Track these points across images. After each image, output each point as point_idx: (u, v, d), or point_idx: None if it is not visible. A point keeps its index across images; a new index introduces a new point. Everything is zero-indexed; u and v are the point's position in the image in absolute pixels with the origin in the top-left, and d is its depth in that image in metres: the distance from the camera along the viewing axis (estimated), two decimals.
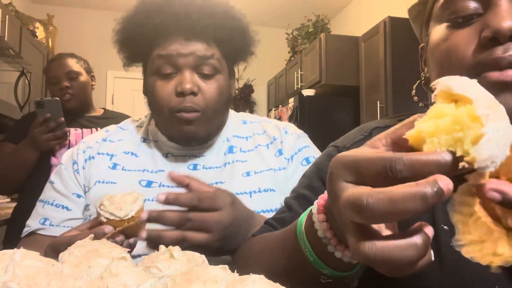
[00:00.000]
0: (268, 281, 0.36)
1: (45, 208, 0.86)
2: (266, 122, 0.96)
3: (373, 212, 0.28)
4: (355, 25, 4.25)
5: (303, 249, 0.43)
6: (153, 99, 0.84)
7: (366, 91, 3.41)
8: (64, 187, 0.87)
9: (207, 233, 0.63)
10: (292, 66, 4.36)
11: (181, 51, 0.81)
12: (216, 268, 0.38)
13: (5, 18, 2.77)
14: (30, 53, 3.27)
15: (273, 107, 4.64)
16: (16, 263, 0.34)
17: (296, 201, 0.61)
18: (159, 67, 0.82)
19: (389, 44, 3.08)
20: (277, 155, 0.89)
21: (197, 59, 0.82)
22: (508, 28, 0.44)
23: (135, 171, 0.86)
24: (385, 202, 0.28)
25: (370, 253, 0.29)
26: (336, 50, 3.67)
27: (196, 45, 0.82)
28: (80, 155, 0.90)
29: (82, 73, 1.85)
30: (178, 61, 0.81)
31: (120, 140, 0.93)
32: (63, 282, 0.34)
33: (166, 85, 0.82)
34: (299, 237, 0.44)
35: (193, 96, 0.81)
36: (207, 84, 0.83)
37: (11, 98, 2.78)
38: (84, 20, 4.52)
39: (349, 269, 0.42)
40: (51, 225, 0.84)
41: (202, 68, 0.83)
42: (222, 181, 0.85)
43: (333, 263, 0.41)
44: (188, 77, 0.81)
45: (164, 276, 0.41)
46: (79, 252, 0.45)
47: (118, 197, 0.60)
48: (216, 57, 0.84)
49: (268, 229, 0.63)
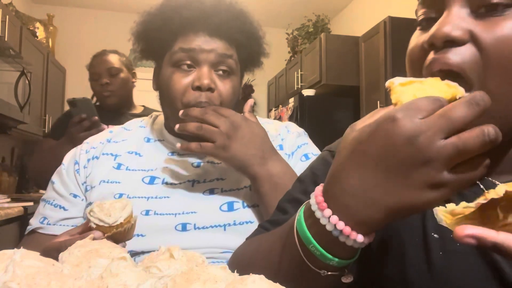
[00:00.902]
0: (268, 281, 0.36)
1: (45, 208, 0.88)
2: (267, 123, 0.97)
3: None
4: (355, 25, 4.25)
5: (308, 246, 0.43)
6: (168, 91, 0.84)
7: (366, 91, 3.41)
8: (63, 188, 0.89)
9: (218, 126, 0.76)
10: (292, 66, 4.36)
11: (204, 47, 0.82)
12: (216, 268, 0.38)
13: (5, 18, 2.78)
14: (30, 53, 3.27)
15: (273, 107, 4.64)
16: (16, 263, 0.35)
17: (290, 205, 0.61)
18: (179, 60, 0.83)
19: (389, 44, 3.08)
20: (278, 149, 0.89)
21: (217, 56, 0.83)
22: (442, 35, 0.45)
23: (139, 170, 0.88)
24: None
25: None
26: (336, 50, 3.67)
27: (219, 43, 0.84)
28: (82, 155, 0.91)
29: (123, 69, 1.86)
30: (199, 57, 0.82)
31: (124, 140, 0.94)
32: (63, 282, 0.35)
33: (183, 78, 0.82)
34: (301, 234, 0.44)
35: (210, 93, 0.82)
36: (223, 83, 0.84)
37: (11, 98, 2.78)
38: (84, 20, 4.52)
39: (352, 255, 0.43)
40: (49, 224, 0.86)
41: (221, 67, 0.84)
42: (223, 178, 0.87)
43: (340, 253, 0.42)
44: (206, 73, 0.82)
45: (164, 276, 0.41)
46: (79, 252, 0.45)
47: (108, 204, 0.62)
48: (234, 58, 0.86)
49: (262, 232, 0.63)
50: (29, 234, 0.88)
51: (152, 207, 0.82)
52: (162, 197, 0.84)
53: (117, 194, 0.83)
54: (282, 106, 4.18)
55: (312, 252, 0.43)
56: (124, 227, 0.61)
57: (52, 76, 3.83)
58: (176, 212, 0.82)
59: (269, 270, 0.44)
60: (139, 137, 0.94)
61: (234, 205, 0.83)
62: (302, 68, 4.09)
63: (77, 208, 0.87)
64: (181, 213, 0.82)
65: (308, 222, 0.44)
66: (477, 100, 0.35)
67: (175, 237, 0.79)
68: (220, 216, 0.82)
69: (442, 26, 0.45)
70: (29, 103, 3.03)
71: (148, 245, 0.76)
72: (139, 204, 0.82)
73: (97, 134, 0.99)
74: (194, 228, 0.81)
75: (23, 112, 2.95)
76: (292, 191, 0.63)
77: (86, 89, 1.99)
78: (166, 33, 0.85)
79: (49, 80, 3.75)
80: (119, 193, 0.83)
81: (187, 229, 0.81)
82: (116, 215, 0.61)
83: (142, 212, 0.81)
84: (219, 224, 0.81)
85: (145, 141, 0.93)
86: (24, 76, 2.90)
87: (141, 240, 0.78)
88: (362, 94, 3.47)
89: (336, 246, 0.42)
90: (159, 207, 0.82)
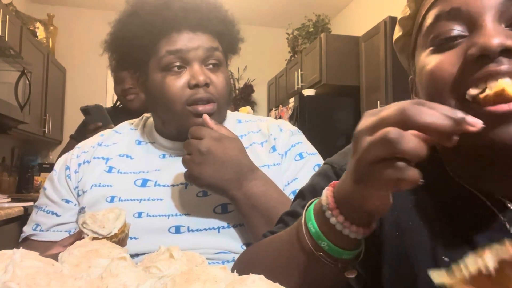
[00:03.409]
0: (268, 281, 0.36)
1: (38, 214, 0.88)
2: (261, 121, 0.96)
3: (416, 121, 0.35)
4: (355, 25, 4.25)
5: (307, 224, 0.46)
6: (163, 96, 0.82)
7: (367, 91, 3.41)
8: (54, 194, 0.88)
9: (189, 154, 0.76)
10: (292, 66, 4.36)
11: (190, 45, 0.82)
12: (216, 268, 0.38)
13: (6, 18, 2.78)
14: (31, 53, 3.27)
15: (274, 107, 4.64)
16: (16, 263, 0.34)
17: (291, 218, 0.61)
18: (168, 63, 0.81)
19: (389, 44, 3.08)
20: (271, 151, 0.89)
21: (205, 51, 0.83)
22: (497, 44, 0.43)
23: (131, 173, 0.87)
24: (428, 111, 0.35)
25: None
26: (336, 50, 3.67)
27: (203, 37, 0.83)
28: (73, 160, 0.90)
29: None
30: (188, 56, 0.82)
31: (115, 144, 0.93)
32: (63, 282, 0.34)
33: (176, 80, 0.81)
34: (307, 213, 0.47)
35: (206, 88, 0.82)
36: (216, 76, 0.84)
37: (11, 98, 2.78)
38: (84, 20, 4.51)
39: (348, 246, 0.45)
40: (42, 231, 0.86)
41: (210, 61, 0.84)
42: None
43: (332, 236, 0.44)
44: (199, 70, 0.82)
45: (164, 276, 0.41)
46: (79, 252, 0.45)
47: (101, 215, 0.61)
48: (220, 50, 0.86)
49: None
50: (22, 242, 0.87)
51: (144, 209, 0.81)
52: (155, 199, 0.83)
53: (109, 197, 0.83)
54: (282, 106, 4.18)
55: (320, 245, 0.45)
56: (118, 238, 0.61)
57: (52, 76, 3.83)
58: (169, 213, 0.81)
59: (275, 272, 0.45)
60: (130, 139, 0.94)
61: (228, 207, 0.82)
62: (302, 68, 4.08)
63: (69, 213, 0.87)
64: (174, 214, 0.81)
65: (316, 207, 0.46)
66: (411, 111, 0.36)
67: (169, 239, 0.78)
68: (214, 219, 0.81)
69: (492, 37, 0.43)
70: (29, 103, 3.03)
71: (142, 248, 0.76)
72: (131, 206, 0.81)
73: (88, 139, 0.97)
74: (188, 231, 0.80)
75: (23, 112, 2.95)
76: (295, 206, 0.63)
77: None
78: (147, 38, 0.83)
79: (49, 80, 3.75)
80: (111, 196, 0.83)
81: (181, 232, 0.80)
82: (110, 226, 0.60)
83: (134, 215, 0.80)
84: (213, 227, 0.80)
85: (137, 144, 0.92)
86: (24, 76, 2.90)
87: (134, 242, 0.77)
88: (362, 94, 3.47)
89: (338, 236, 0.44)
90: (152, 209, 0.81)
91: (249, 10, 4.55)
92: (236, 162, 0.76)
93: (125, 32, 0.85)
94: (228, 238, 0.80)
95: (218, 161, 0.74)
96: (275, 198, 0.75)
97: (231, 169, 0.75)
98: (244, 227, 0.80)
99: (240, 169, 0.76)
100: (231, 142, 0.77)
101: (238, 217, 0.80)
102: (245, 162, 0.77)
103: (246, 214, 0.76)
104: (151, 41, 0.83)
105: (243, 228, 0.80)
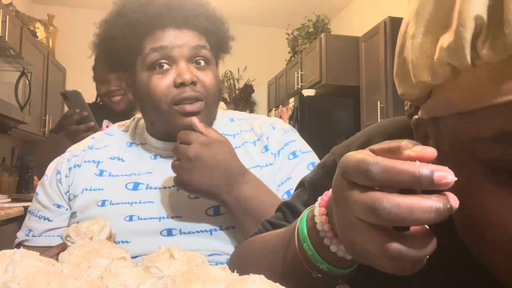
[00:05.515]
0: (268, 281, 0.36)
1: (31, 220, 0.88)
2: (253, 119, 0.95)
3: (390, 215, 0.30)
4: (355, 25, 4.25)
5: (302, 245, 0.43)
6: (149, 95, 0.81)
7: (367, 91, 3.41)
8: (46, 199, 0.88)
9: (178, 160, 0.75)
10: (292, 66, 4.36)
11: (176, 42, 0.80)
12: (216, 268, 0.38)
13: (6, 18, 2.78)
14: (31, 53, 3.27)
15: (274, 107, 4.64)
16: (16, 263, 0.35)
17: (289, 211, 0.60)
18: (153, 61, 0.80)
19: (389, 44, 3.08)
20: (263, 151, 0.87)
21: (191, 49, 0.81)
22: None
23: (122, 176, 0.86)
24: (403, 209, 0.29)
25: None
26: (336, 50, 3.67)
27: (189, 34, 0.82)
28: (64, 164, 0.90)
29: None
30: (173, 53, 0.80)
31: (106, 146, 0.92)
32: (63, 282, 0.35)
33: (162, 79, 0.80)
34: (300, 231, 0.44)
35: (193, 86, 0.80)
36: (204, 73, 0.83)
37: (11, 98, 2.78)
38: (84, 20, 4.49)
39: (346, 266, 0.43)
40: (34, 236, 0.86)
41: (197, 59, 0.82)
42: None
43: (330, 258, 0.42)
44: (185, 68, 0.80)
45: (164, 276, 0.41)
46: (79, 252, 0.45)
47: (84, 227, 0.61)
48: (207, 48, 0.84)
49: (263, 231, 0.62)
50: (16, 247, 0.87)
51: (135, 212, 0.80)
52: (146, 202, 0.82)
53: (100, 201, 0.82)
54: (282, 106, 4.18)
55: (305, 251, 0.43)
56: None
57: (52, 76, 3.83)
58: (160, 216, 0.80)
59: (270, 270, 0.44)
60: (121, 142, 0.93)
61: (220, 209, 0.81)
62: (302, 68, 4.08)
63: (61, 218, 0.86)
64: (166, 217, 0.80)
65: (308, 218, 0.43)
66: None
67: (161, 242, 0.76)
68: (206, 221, 0.80)
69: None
70: (29, 103, 3.03)
71: (133, 251, 0.75)
72: (122, 210, 0.81)
73: (79, 142, 0.97)
74: (180, 233, 0.79)
75: (23, 112, 2.95)
76: (294, 199, 0.61)
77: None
78: (132, 37, 0.82)
79: (49, 80, 3.75)
80: (102, 200, 0.82)
81: (173, 234, 0.79)
82: (95, 239, 0.59)
83: (125, 218, 0.80)
84: (205, 230, 0.79)
85: (128, 146, 0.92)
86: (24, 76, 2.90)
87: (125, 246, 0.76)
88: (362, 94, 3.47)
89: (325, 250, 0.41)
90: (143, 212, 0.81)
91: (249, 10, 4.55)
92: (225, 166, 0.74)
93: (111, 32, 0.85)
94: (221, 240, 0.79)
95: (207, 166, 0.73)
96: (266, 201, 0.74)
97: (221, 174, 0.74)
98: (236, 230, 0.80)
99: (230, 173, 0.74)
100: (220, 145, 0.76)
101: (231, 219, 0.79)
102: (235, 166, 0.76)
103: (238, 218, 0.75)
104: (137, 40, 0.82)
105: (236, 230, 0.79)
